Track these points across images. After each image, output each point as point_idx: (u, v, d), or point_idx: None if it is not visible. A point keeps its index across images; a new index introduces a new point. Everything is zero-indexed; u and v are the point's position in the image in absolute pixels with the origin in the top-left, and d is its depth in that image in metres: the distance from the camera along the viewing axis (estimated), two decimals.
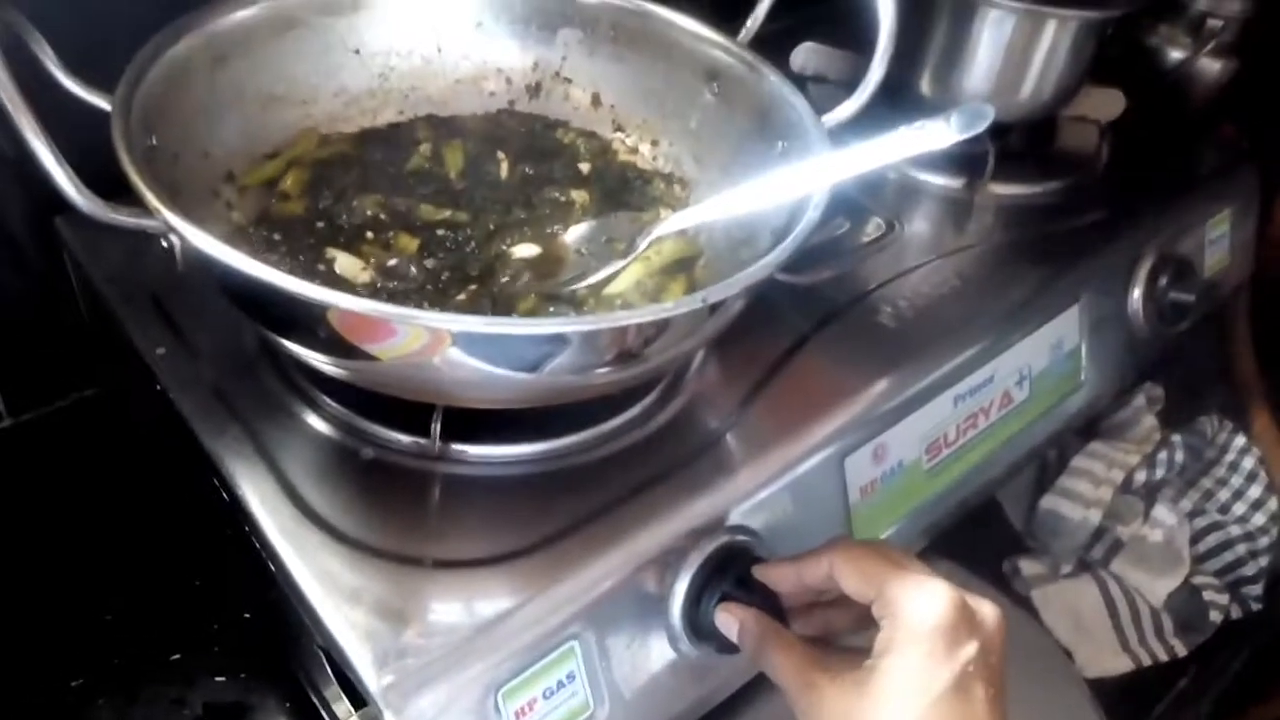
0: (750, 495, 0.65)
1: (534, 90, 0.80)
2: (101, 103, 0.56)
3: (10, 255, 0.79)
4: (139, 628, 0.77)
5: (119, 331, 0.69)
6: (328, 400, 0.64)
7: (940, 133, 0.56)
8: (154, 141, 0.58)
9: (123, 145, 0.52)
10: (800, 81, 1.04)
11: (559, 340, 0.50)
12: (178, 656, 0.75)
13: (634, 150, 0.78)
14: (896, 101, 1.02)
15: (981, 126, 0.56)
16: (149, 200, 0.49)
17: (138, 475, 0.82)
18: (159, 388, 0.65)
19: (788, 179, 0.60)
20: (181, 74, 0.62)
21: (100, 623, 0.77)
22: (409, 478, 0.62)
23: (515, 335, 0.48)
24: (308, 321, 0.51)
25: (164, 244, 0.52)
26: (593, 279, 0.65)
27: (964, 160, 0.96)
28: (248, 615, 0.77)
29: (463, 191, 0.72)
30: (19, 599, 0.77)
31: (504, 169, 0.73)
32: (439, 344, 0.49)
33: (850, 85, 1.05)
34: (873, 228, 0.89)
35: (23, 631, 0.76)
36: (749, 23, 0.75)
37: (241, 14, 0.66)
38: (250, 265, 0.47)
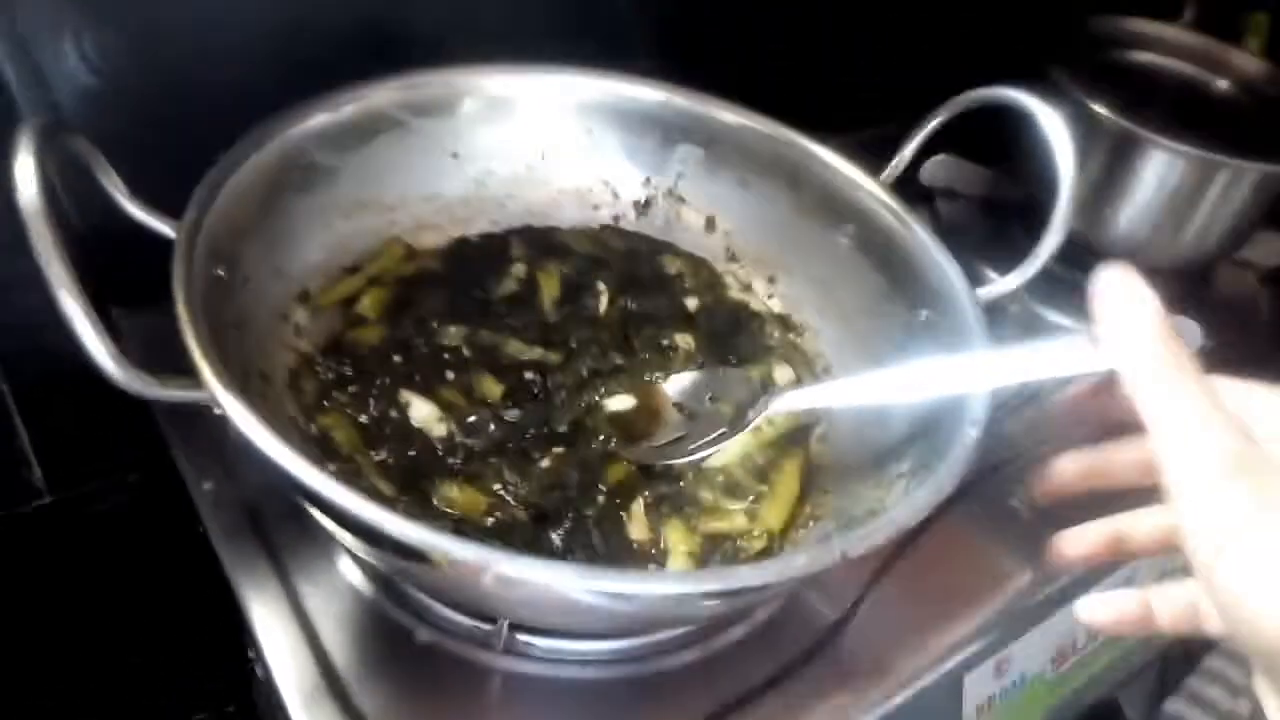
0: (863, 712, 0.56)
1: (642, 207, 0.72)
2: (166, 229, 0.49)
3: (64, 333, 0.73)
4: None
5: (165, 451, 0.62)
6: None
7: None
8: (221, 272, 0.51)
9: (183, 299, 0.44)
10: (928, 194, 0.96)
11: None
12: None
13: (747, 287, 0.70)
14: (1032, 225, 0.92)
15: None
16: (209, 381, 0.41)
17: (175, 562, 0.77)
18: (201, 529, 0.58)
19: (937, 373, 0.51)
20: (259, 187, 0.55)
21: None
22: (466, 671, 0.54)
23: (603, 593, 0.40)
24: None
25: (216, 411, 0.44)
26: (694, 456, 0.57)
27: None
28: None
29: (556, 326, 0.64)
30: (43, 677, 0.73)
31: (603, 302, 0.65)
32: None
33: (985, 204, 0.98)
34: None
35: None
36: (895, 161, 0.66)
37: (326, 118, 0.59)
38: (305, 473, 0.40)
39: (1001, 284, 0.60)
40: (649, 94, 0.69)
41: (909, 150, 0.66)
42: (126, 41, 0.63)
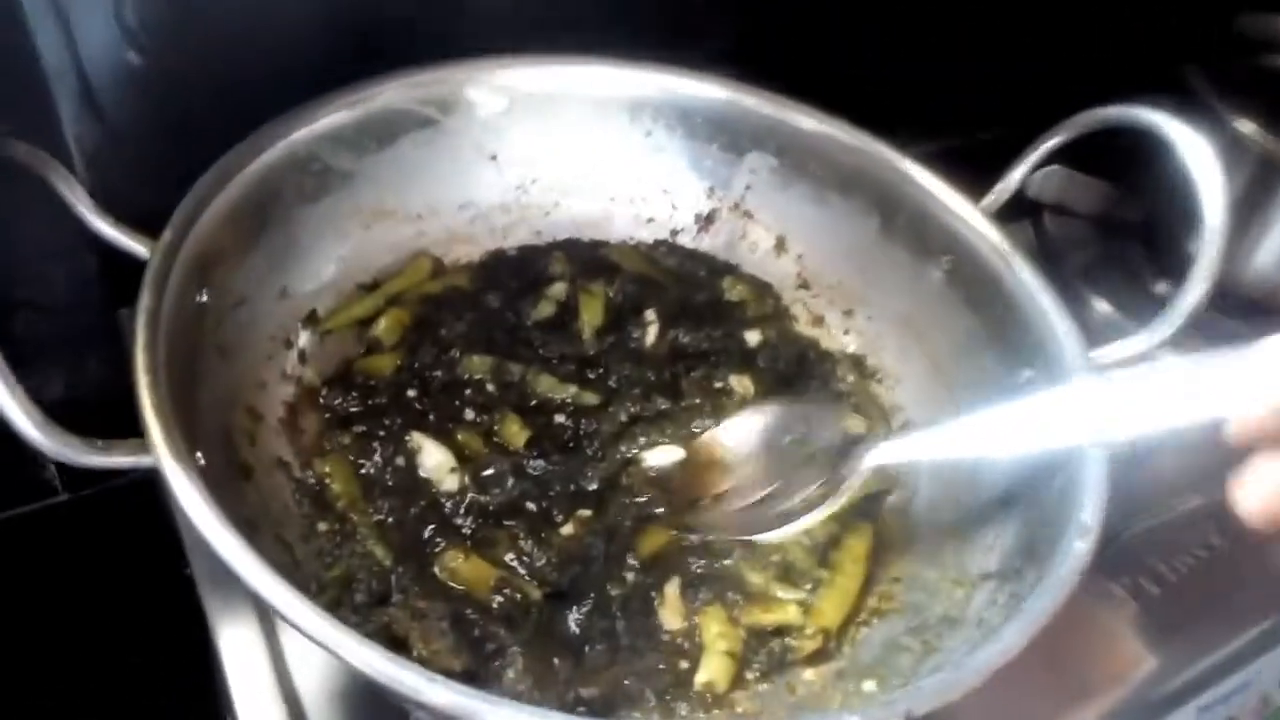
0: None
1: (704, 221, 0.63)
2: (140, 249, 0.42)
3: (79, 334, 0.69)
4: None
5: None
6: None
7: None
8: (204, 298, 0.44)
9: (143, 339, 0.38)
10: (1036, 208, 0.85)
11: None
12: None
13: (819, 320, 0.61)
14: (1154, 250, 0.81)
15: None
16: (158, 449, 0.35)
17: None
18: (187, 570, 0.52)
19: (1041, 422, 0.42)
20: (259, 197, 0.49)
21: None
22: None
23: None
24: None
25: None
26: (785, 530, 0.49)
27: None
28: None
29: (596, 359, 0.56)
30: (47, 675, 0.70)
31: (651, 334, 0.57)
32: None
33: (1099, 223, 0.87)
34: None
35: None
36: (1001, 185, 0.56)
37: (340, 116, 0.52)
38: (253, 574, 0.33)
39: (1126, 345, 0.50)
40: (716, 93, 0.60)
41: (1018, 173, 0.56)
42: (174, 15, 0.57)
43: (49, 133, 0.54)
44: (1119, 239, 0.83)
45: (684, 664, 0.45)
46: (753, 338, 0.59)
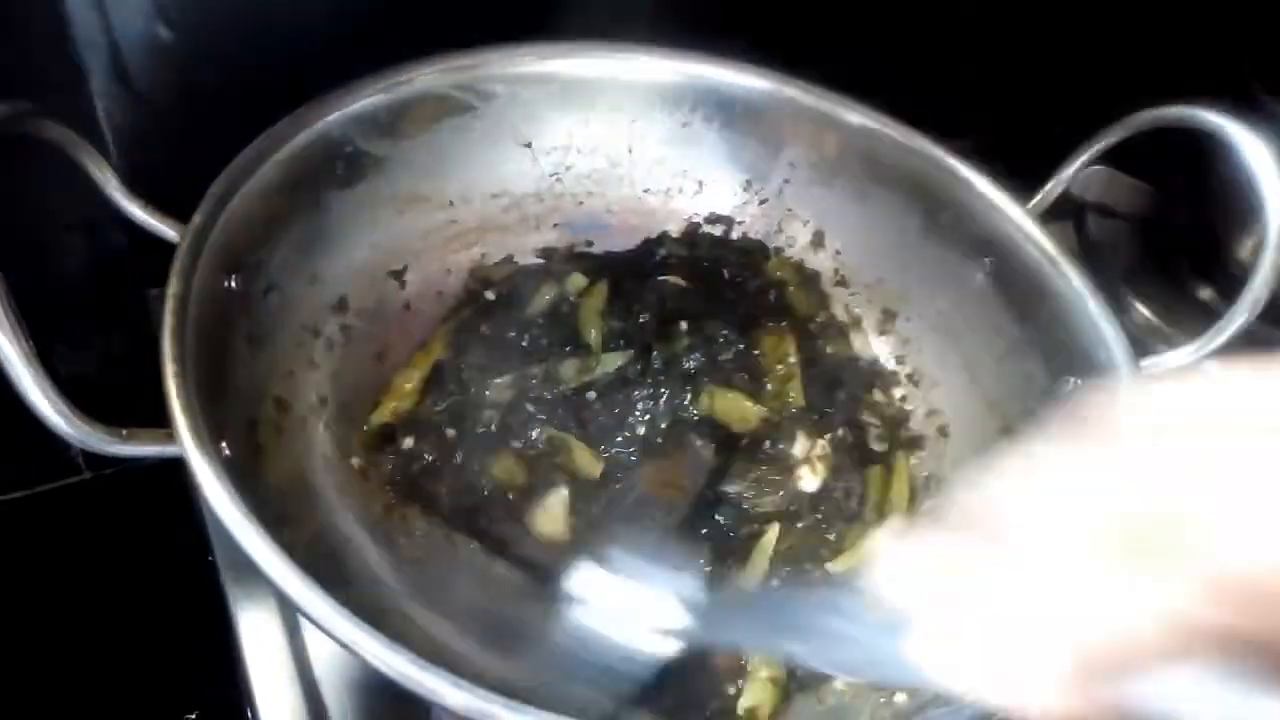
0: None
1: (740, 214, 0.62)
2: (169, 233, 0.42)
3: (104, 315, 0.68)
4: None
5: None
6: None
7: None
8: (232, 284, 0.44)
9: (171, 326, 0.37)
10: (1078, 208, 0.83)
11: None
12: None
13: (854, 322, 0.60)
14: (1198, 256, 0.79)
15: None
16: (184, 440, 0.34)
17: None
18: (210, 558, 0.52)
19: None
20: (291, 182, 0.48)
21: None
22: None
23: None
24: None
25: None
26: None
27: None
28: None
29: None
30: (73, 655, 0.72)
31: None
32: None
33: (1142, 225, 0.85)
34: None
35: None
36: (1050, 184, 0.55)
37: (375, 100, 0.51)
38: (267, 560, 0.32)
39: (1176, 356, 0.49)
40: (758, 83, 0.58)
41: (1068, 173, 0.54)
42: None
43: (79, 105, 0.54)
44: (1161, 242, 0.81)
45: (731, 690, 0.45)
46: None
